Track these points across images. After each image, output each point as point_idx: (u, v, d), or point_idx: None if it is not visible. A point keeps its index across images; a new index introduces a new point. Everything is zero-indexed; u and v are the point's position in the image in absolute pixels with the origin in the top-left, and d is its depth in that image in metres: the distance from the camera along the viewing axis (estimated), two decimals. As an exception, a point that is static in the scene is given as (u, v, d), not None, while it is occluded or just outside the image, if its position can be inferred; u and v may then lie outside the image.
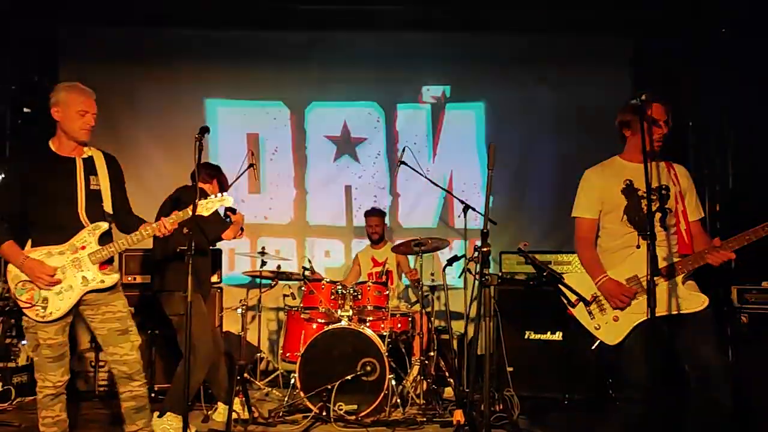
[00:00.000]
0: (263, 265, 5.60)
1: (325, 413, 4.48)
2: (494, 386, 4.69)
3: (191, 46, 6.55)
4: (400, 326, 5.26)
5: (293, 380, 4.66)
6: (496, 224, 4.54)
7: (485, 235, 2.58)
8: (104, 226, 3.31)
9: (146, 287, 5.18)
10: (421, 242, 5.16)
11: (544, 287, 4.93)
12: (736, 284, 4.46)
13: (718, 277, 4.06)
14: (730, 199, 5.69)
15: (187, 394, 3.19)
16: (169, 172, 5.93)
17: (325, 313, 5.05)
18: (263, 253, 5.60)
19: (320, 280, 5.21)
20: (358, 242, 6.43)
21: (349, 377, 4.53)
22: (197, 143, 3.15)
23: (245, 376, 4.73)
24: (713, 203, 5.88)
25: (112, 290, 3.34)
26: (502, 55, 6.61)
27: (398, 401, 4.72)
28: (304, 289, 5.27)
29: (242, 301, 5.28)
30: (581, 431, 4.63)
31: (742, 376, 4.05)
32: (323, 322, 5.08)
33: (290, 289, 5.75)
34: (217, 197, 3.46)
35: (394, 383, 4.70)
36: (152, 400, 4.50)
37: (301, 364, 4.63)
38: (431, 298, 5.66)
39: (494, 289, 5.17)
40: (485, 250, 2.53)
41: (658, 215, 2.96)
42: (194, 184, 3.42)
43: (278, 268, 5.61)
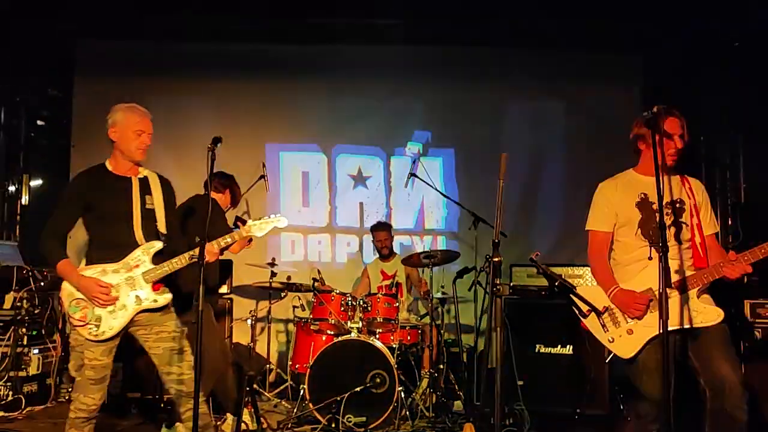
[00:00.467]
0: (273, 276, 5.60)
1: (333, 425, 4.46)
2: (504, 400, 4.66)
3: (203, 59, 6.63)
4: (409, 338, 5.24)
5: (302, 391, 4.64)
6: (507, 236, 4.53)
7: (496, 245, 2.58)
8: (158, 245, 3.28)
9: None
10: (431, 254, 5.15)
11: (555, 299, 4.94)
12: (748, 298, 4.42)
13: (730, 291, 4.03)
14: (742, 212, 5.65)
15: (196, 404, 3.18)
16: (182, 182, 6.00)
17: (334, 324, 5.05)
18: (273, 264, 5.61)
19: (330, 291, 5.20)
20: (367, 238, 6.67)
21: (358, 389, 4.51)
22: (210, 153, 3.16)
23: (254, 387, 4.71)
24: (725, 217, 5.85)
25: (164, 310, 3.30)
26: (513, 69, 6.68)
27: (407, 414, 4.69)
28: (314, 300, 5.27)
29: (252, 311, 5.28)
30: (592, 447, 4.59)
31: (756, 391, 4.00)
32: (333, 333, 5.07)
33: (300, 300, 5.74)
34: (271, 217, 3.44)
35: (403, 396, 4.67)
36: (160, 410, 4.53)
37: (310, 375, 4.62)
38: (441, 310, 5.64)
39: (505, 301, 5.18)
40: (496, 260, 2.52)
41: (672, 229, 2.95)
42: (206, 193, 3.43)
43: (288, 279, 5.61)
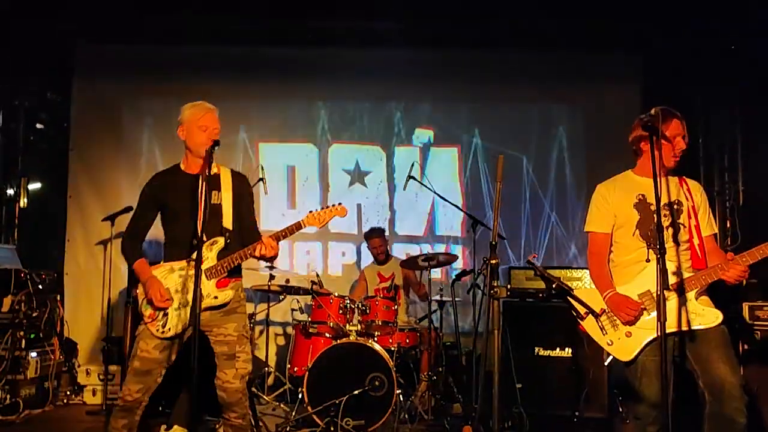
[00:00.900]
0: (271, 279, 5.59)
1: (332, 428, 4.44)
2: (503, 403, 4.64)
3: (202, 61, 6.61)
4: (408, 341, 5.23)
5: (301, 395, 4.63)
6: (505, 239, 4.55)
7: (494, 246, 2.57)
8: (220, 241, 3.23)
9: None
10: (429, 257, 5.14)
11: (554, 302, 4.93)
12: (747, 301, 4.42)
13: (729, 294, 4.03)
14: (740, 214, 5.66)
15: (194, 407, 3.17)
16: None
17: (333, 327, 5.04)
18: (271, 267, 5.60)
19: (329, 294, 5.20)
20: (365, 245, 6.49)
21: (356, 392, 4.50)
22: (207, 155, 3.15)
23: (253, 390, 4.70)
24: (724, 219, 5.85)
25: (226, 312, 3.25)
26: (510, 71, 6.67)
27: (406, 417, 4.68)
28: (312, 303, 5.25)
29: (250, 315, 5.26)
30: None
31: (755, 393, 4.00)
32: (331, 336, 5.06)
33: (299, 303, 5.73)
34: (329, 207, 3.28)
35: (402, 399, 4.67)
36: (159, 414, 4.51)
37: (308, 378, 4.61)
38: (440, 313, 5.63)
39: (503, 304, 5.17)
40: (494, 262, 2.51)
41: (670, 230, 2.95)
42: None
43: (287, 282, 5.60)
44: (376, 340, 4.96)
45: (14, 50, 6.02)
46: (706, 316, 2.89)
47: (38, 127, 6.71)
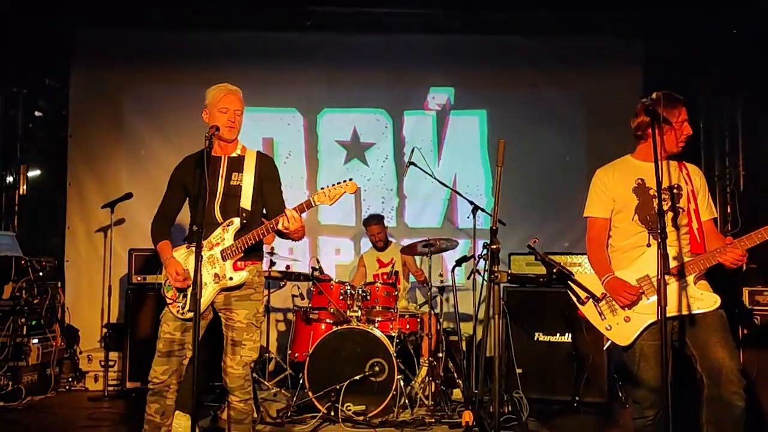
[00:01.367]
0: (272, 265, 5.60)
1: (333, 413, 4.48)
2: (503, 388, 4.67)
3: (200, 48, 6.56)
4: (408, 327, 5.24)
5: (301, 380, 4.66)
6: (505, 225, 4.54)
7: (494, 232, 2.57)
8: (236, 221, 3.22)
9: (158, 286, 5.18)
10: (429, 243, 5.15)
11: (555, 287, 4.95)
12: (747, 286, 4.42)
13: (729, 278, 4.04)
14: (741, 199, 5.65)
15: (194, 393, 3.18)
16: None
17: (333, 313, 5.05)
18: (272, 253, 5.61)
19: (329, 280, 5.21)
20: (366, 241, 6.39)
21: (357, 378, 4.52)
22: (207, 141, 3.13)
23: (254, 376, 4.72)
24: (724, 204, 5.85)
25: (240, 297, 3.25)
26: (511, 57, 6.64)
27: (407, 402, 4.71)
28: (313, 289, 5.26)
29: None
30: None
31: (754, 378, 4.02)
32: (332, 322, 5.08)
33: (299, 289, 5.75)
34: (339, 183, 3.18)
35: (402, 384, 4.69)
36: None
37: (309, 364, 4.63)
38: (440, 299, 5.64)
39: (504, 289, 5.19)
40: (494, 247, 2.51)
41: (669, 215, 2.94)
42: (203, 180, 3.37)
43: (287, 268, 5.61)
44: (376, 325, 4.98)
45: (13, 37, 5.98)
46: (704, 300, 2.89)
47: (37, 114, 6.68)
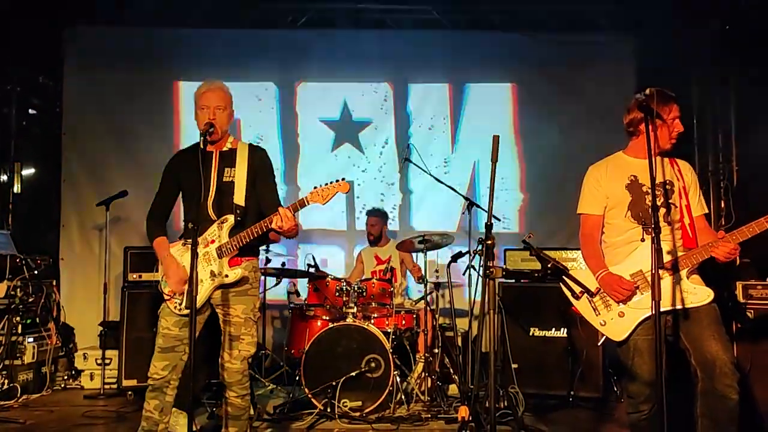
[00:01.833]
0: (268, 262, 5.60)
1: (329, 410, 4.49)
2: (499, 383, 4.69)
3: (194, 45, 6.55)
4: (404, 323, 5.26)
5: (298, 377, 4.67)
6: (500, 220, 4.55)
7: (489, 227, 2.58)
8: (230, 219, 3.22)
9: (155, 284, 5.17)
10: (425, 239, 5.15)
11: (550, 282, 4.96)
12: (740, 280, 4.45)
13: (722, 273, 4.06)
14: (734, 195, 5.67)
15: (192, 390, 3.19)
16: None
17: (329, 310, 5.06)
18: (268, 250, 5.61)
19: (325, 277, 5.21)
20: (363, 240, 6.20)
21: (353, 374, 4.53)
22: (202, 138, 3.13)
23: (250, 372, 4.72)
24: (718, 199, 5.87)
25: (237, 293, 3.26)
26: (505, 52, 6.62)
27: (403, 398, 4.73)
28: (309, 286, 5.27)
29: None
30: (586, 428, 4.62)
31: (748, 372, 4.04)
32: (328, 318, 5.09)
33: (295, 286, 5.75)
34: (331, 183, 3.14)
35: (398, 380, 4.70)
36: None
37: (305, 360, 4.64)
38: (436, 295, 5.65)
39: (499, 285, 5.20)
40: (489, 242, 2.52)
41: (662, 210, 2.96)
42: (199, 176, 3.36)
43: (283, 265, 5.61)
44: (372, 322, 4.99)
45: (5, 35, 5.95)
46: (697, 294, 2.91)
47: (31, 112, 6.66)
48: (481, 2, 6.15)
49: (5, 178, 6.36)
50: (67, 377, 5.73)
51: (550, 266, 2.82)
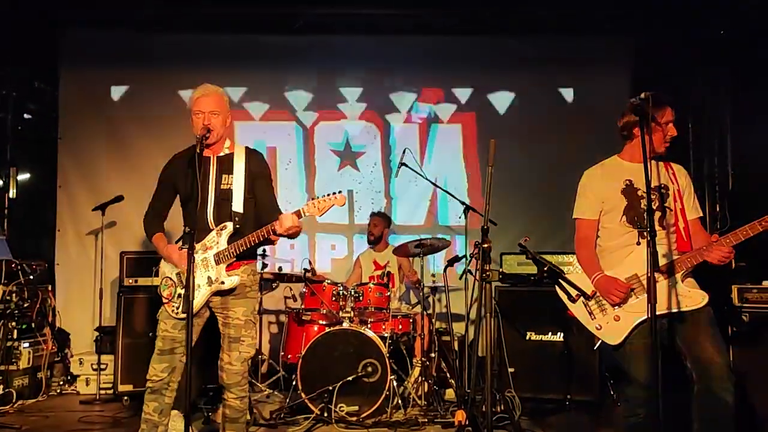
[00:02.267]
0: (264, 267, 5.60)
1: (326, 414, 4.48)
2: (496, 387, 4.69)
3: (190, 49, 6.54)
4: (401, 327, 5.25)
5: (294, 382, 4.66)
6: (496, 225, 4.54)
7: (485, 231, 2.59)
8: (229, 226, 3.23)
9: (151, 289, 5.18)
10: (421, 243, 5.16)
11: (545, 283, 4.96)
12: (736, 283, 4.46)
13: (717, 276, 4.07)
14: (730, 199, 5.69)
15: (189, 394, 3.19)
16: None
17: (326, 314, 5.06)
18: (264, 255, 5.61)
19: (321, 281, 5.21)
20: (358, 237, 6.49)
21: (350, 378, 4.53)
22: (200, 143, 3.13)
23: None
24: (713, 203, 5.88)
25: (236, 296, 3.27)
26: (501, 56, 6.65)
27: (399, 402, 4.72)
28: (305, 290, 5.27)
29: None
30: (583, 432, 4.63)
31: (744, 375, 4.05)
32: (324, 323, 5.09)
33: (291, 291, 5.75)
34: (328, 195, 3.18)
35: (395, 384, 4.70)
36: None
37: (302, 365, 4.63)
38: (432, 299, 5.66)
39: (495, 289, 5.21)
40: (486, 246, 2.53)
41: (657, 214, 2.97)
42: (196, 181, 3.36)
43: (279, 270, 5.61)
44: (369, 326, 4.99)
45: (0, 39, 5.95)
46: (692, 297, 2.92)
47: (26, 117, 6.65)
48: (475, 6, 6.15)
49: (1, 182, 6.34)
50: (62, 382, 5.71)
51: (546, 269, 2.82)
